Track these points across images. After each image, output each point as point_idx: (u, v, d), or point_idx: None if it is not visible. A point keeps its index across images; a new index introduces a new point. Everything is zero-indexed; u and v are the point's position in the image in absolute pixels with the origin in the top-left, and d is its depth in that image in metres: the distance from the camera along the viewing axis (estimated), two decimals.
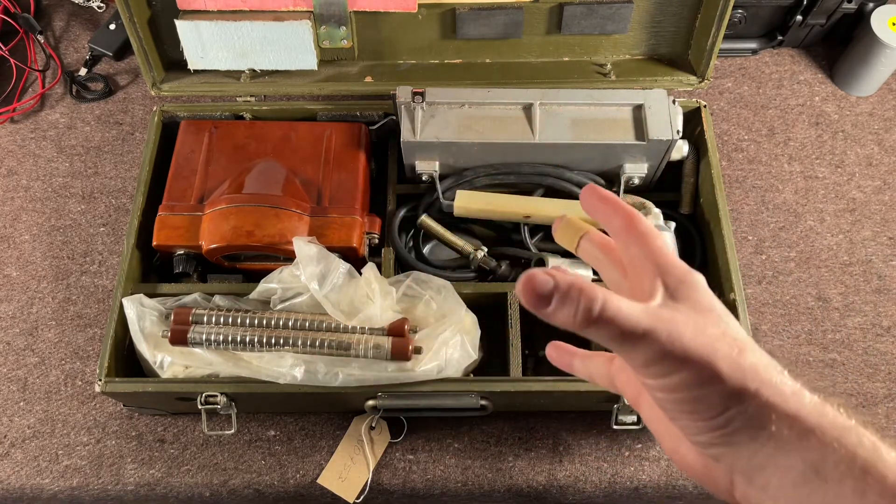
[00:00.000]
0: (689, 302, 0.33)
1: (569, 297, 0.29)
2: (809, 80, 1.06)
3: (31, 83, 1.06)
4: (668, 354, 0.31)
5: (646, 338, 0.30)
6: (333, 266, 0.74)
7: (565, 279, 0.30)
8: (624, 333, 0.30)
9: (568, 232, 0.39)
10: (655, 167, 0.84)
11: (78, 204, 0.96)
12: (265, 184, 0.80)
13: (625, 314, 0.30)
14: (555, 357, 0.43)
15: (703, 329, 0.32)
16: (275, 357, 0.71)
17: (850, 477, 0.29)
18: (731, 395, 0.31)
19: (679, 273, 0.34)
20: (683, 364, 0.31)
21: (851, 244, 0.93)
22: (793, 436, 0.31)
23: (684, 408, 0.32)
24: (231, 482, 0.80)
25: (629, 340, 0.31)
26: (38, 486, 0.80)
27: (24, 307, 0.89)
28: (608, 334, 0.30)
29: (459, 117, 0.81)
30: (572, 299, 0.29)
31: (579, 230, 0.39)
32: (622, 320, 0.30)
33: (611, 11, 0.84)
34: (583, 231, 0.38)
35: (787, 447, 0.31)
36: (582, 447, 0.81)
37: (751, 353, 0.32)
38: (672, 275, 0.34)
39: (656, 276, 0.34)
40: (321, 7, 0.83)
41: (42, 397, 0.84)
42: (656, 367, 0.31)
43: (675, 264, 0.34)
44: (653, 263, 0.34)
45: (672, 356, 0.31)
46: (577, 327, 0.30)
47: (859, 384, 0.85)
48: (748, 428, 0.31)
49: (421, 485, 0.80)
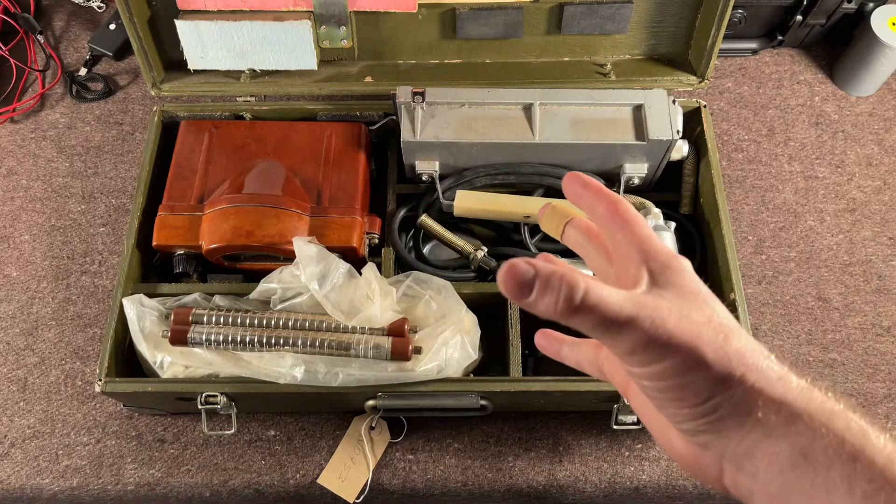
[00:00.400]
0: (674, 287, 0.33)
1: (550, 285, 0.29)
2: (809, 80, 1.06)
3: (31, 83, 1.06)
4: (652, 341, 0.30)
5: (629, 325, 0.30)
6: (333, 266, 0.74)
7: (546, 267, 0.29)
8: (606, 321, 0.30)
9: (553, 219, 0.39)
10: (655, 167, 0.84)
11: (78, 204, 0.96)
12: (265, 184, 0.80)
13: (607, 301, 0.30)
14: (543, 344, 0.43)
15: (687, 315, 0.31)
16: (275, 357, 0.71)
17: (838, 462, 0.29)
18: (717, 381, 0.31)
19: (664, 258, 0.33)
20: (667, 351, 0.31)
21: (851, 244, 0.93)
22: (780, 421, 0.31)
23: (670, 395, 0.32)
24: (231, 482, 0.80)
25: (612, 328, 0.30)
26: (38, 486, 0.80)
27: (24, 307, 0.89)
28: (591, 323, 0.30)
29: (459, 117, 0.81)
30: (553, 287, 0.29)
31: (564, 216, 0.38)
32: (604, 308, 0.30)
33: (611, 11, 0.84)
34: (567, 217, 0.38)
35: (775, 433, 0.31)
36: (582, 447, 0.81)
37: (736, 338, 0.32)
38: (657, 260, 0.33)
39: (641, 262, 0.33)
40: (321, 7, 0.83)
41: (42, 397, 0.84)
42: (640, 354, 0.31)
43: (659, 250, 0.34)
44: (637, 250, 0.34)
45: (656, 343, 0.30)
46: (560, 316, 0.30)
47: (859, 384, 0.85)
48: (734, 414, 0.31)
49: (421, 485, 0.80)
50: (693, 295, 0.33)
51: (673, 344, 0.30)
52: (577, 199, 0.37)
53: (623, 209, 0.35)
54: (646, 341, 0.30)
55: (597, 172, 0.84)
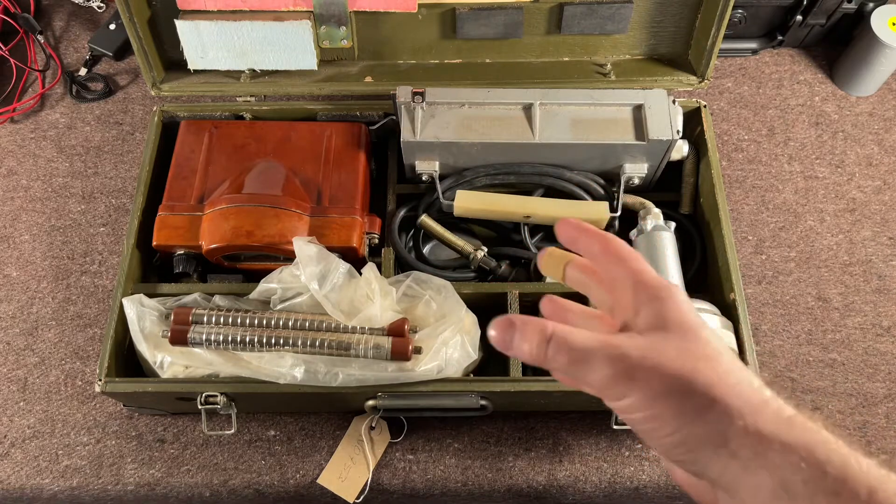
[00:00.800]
0: (657, 319, 0.34)
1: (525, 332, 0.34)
2: (809, 80, 1.06)
3: (31, 83, 1.06)
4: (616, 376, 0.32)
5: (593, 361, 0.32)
6: (333, 266, 0.74)
7: (521, 317, 0.34)
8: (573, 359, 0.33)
9: (552, 262, 0.41)
10: (655, 167, 0.84)
11: (78, 204, 0.96)
12: (265, 184, 0.80)
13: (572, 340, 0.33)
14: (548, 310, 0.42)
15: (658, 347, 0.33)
16: (275, 357, 0.71)
17: (821, 495, 0.29)
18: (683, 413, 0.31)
19: (651, 290, 0.35)
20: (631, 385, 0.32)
21: (851, 244, 0.93)
22: (754, 454, 0.30)
23: (644, 427, 0.33)
24: (231, 482, 0.80)
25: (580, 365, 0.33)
26: (38, 486, 0.80)
27: (24, 307, 0.89)
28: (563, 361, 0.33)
29: (459, 117, 0.81)
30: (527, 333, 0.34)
31: (563, 259, 0.41)
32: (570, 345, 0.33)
33: (611, 11, 0.84)
34: (566, 259, 0.41)
35: (751, 465, 0.31)
36: (582, 447, 0.81)
37: (713, 365, 0.32)
38: (644, 292, 0.35)
39: (633, 293, 0.35)
40: (321, 7, 0.83)
41: (42, 397, 0.84)
42: (609, 390, 0.33)
43: (646, 282, 0.35)
44: (631, 282, 0.35)
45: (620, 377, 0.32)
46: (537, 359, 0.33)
47: (859, 384, 0.85)
48: (707, 445, 0.31)
49: (421, 485, 0.80)
50: (677, 325, 0.34)
51: (636, 377, 0.32)
52: (572, 243, 0.39)
53: (615, 246, 0.37)
54: (610, 376, 0.32)
55: (597, 172, 0.84)
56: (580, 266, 0.40)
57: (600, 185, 0.83)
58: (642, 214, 0.82)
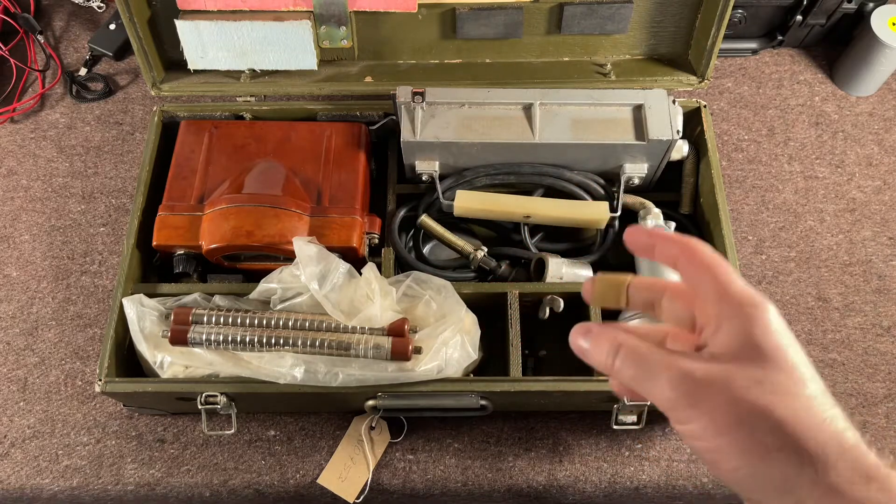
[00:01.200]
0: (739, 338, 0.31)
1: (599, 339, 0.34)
2: (809, 80, 1.06)
3: (31, 83, 1.06)
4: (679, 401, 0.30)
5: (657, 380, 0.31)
6: (333, 266, 0.74)
7: (598, 325, 0.34)
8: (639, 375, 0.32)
9: (607, 287, 0.37)
10: (655, 167, 0.84)
11: (78, 204, 0.96)
12: (265, 184, 0.80)
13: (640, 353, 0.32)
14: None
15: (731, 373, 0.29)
16: (275, 357, 0.71)
17: None
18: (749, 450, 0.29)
19: (737, 304, 0.31)
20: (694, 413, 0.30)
21: (851, 244, 0.93)
22: None
23: (706, 457, 0.31)
24: (231, 482, 0.80)
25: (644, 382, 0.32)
26: (38, 486, 0.80)
27: (24, 307, 0.89)
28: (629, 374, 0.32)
29: (459, 117, 0.81)
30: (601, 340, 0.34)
31: (620, 283, 0.37)
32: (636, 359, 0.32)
33: (611, 11, 0.84)
34: (623, 282, 0.37)
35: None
36: (582, 447, 0.81)
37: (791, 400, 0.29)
38: (729, 306, 0.32)
39: (717, 306, 0.32)
40: (321, 7, 0.83)
41: (42, 397, 0.84)
42: (672, 413, 0.31)
43: (733, 294, 0.32)
44: (714, 292, 0.32)
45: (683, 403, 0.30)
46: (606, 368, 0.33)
47: (859, 384, 0.85)
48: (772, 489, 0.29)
49: (421, 485, 0.80)
50: (759, 347, 0.30)
51: (700, 405, 0.29)
52: (646, 251, 0.36)
53: (699, 252, 0.33)
54: (672, 399, 0.30)
55: (597, 172, 0.84)
56: (646, 285, 0.37)
57: (600, 185, 0.83)
58: (642, 214, 0.82)
